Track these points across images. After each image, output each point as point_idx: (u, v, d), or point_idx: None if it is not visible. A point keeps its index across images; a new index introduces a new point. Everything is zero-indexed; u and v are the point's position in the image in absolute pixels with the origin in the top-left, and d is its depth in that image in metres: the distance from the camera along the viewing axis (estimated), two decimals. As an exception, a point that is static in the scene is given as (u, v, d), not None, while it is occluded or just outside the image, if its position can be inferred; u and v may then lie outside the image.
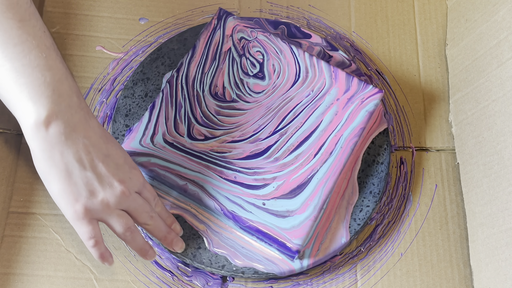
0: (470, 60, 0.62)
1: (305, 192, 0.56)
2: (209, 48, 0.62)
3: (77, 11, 0.67)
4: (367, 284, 0.58)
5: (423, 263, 0.59)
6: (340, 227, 0.57)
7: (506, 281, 0.52)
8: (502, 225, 0.54)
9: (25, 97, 0.44)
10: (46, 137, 0.45)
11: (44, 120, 0.44)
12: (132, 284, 0.56)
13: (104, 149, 0.48)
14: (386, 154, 0.61)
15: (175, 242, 0.54)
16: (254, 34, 0.62)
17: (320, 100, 0.60)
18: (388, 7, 0.70)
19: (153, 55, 0.63)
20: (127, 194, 0.49)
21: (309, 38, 0.66)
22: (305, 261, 0.55)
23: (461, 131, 0.62)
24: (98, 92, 0.63)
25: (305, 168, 0.57)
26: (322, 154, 0.58)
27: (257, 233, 0.55)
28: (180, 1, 0.68)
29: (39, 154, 0.46)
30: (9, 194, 0.58)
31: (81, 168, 0.47)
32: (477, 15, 0.62)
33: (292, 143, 0.58)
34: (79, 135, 0.47)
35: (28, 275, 0.55)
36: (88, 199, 0.47)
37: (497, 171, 0.55)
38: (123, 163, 0.50)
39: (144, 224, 0.51)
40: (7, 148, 0.59)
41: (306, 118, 0.59)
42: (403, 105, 0.66)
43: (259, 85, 0.61)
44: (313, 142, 0.58)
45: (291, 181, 0.56)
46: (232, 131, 0.59)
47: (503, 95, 0.56)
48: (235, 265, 0.55)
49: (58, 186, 0.47)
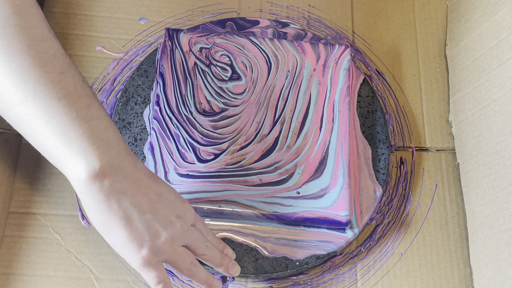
0: (470, 60, 0.62)
1: (329, 166, 0.58)
2: (176, 70, 0.61)
3: (77, 11, 0.67)
4: (367, 284, 0.58)
5: (423, 263, 0.59)
6: (369, 183, 0.59)
7: (506, 281, 0.52)
8: (502, 225, 0.54)
9: (75, 151, 0.43)
10: (101, 188, 0.44)
11: (98, 173, 0.43)
12: (132, 284, 0.56)
13: (155, 188, 0.48)
14: (376, 101, 0.63)
15: (231, 267, 0.53)
16: (211, 40, 0.63)
17: (299, 77, 0.62)
18: (388, 7, 0.70)
19: (123, 99, 0.61)
20: (186, 229, 0.48)
21: (258, 24, 0.67)
22: (355, 228, 0.57)
23: (461, 131, 0.62)
24: (98, 92, 0.63)
25: (318, 144, 0.59)
26: (326, 124, 0.59)
27: (304, 222, 0.56)
28: (180, 1, 0.68)
29: (95, 206, 0.44)
30: (9, 194, 0.58)
31: (140, 213, 0.46)
32: (477, 15, 0.62)
33: (295, 127, 0.59)
34: (132, 180, 0.46)
35: (28, 275, 0.55)
36: (152, 242, 0.46)
37: (497, 171, 0.55)
38: (174, 198, 0.49)
39: (202, 255, 0.51)
40: (7, 148, 0.59)
41: (295, 99, 0.61)
42: (403, 105, 0.66)
43: (238, 85, 0.61)
44: (313, 117, 0.60)
45: (311, 161, 0.58)
46: (236, 139, 0.59)
47: (503, 95, 0.56)
48: (297, 260, 0.56)
49: (120, 235, 0.45)
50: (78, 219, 0.58)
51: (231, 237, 0.56)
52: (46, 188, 0.59)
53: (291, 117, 0.60)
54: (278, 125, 0.59)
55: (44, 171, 0.59)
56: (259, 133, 0.59)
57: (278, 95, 0.61)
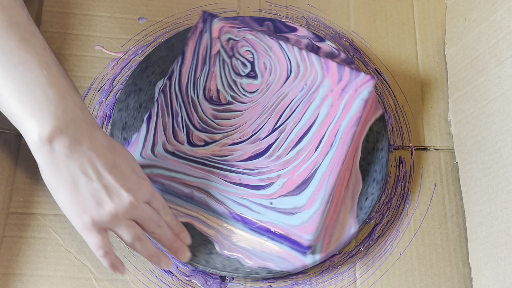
0: (469, 59, 0.62)
1: (311, 187, 0.56)
2: (198, 53, 0.61)
3: (76, 11, 0.67)
4: (366, 283, 0.58)
5: (422, 262, 0.59)
6: (348, 217, 0.58)
7: (505, 280, 0.52)
8: (501, 224, 0.54)
9: (28, 115, 0.45)
10: (51, 151, 0.46)
11: (48, 136, 0.45)
12: (132, 284, 0.56)
13: (111, 160, 0.49)
14: (385, 140, 0.61)
15: (181, 252, 0.54)
16: (241, 33, 0.62)
17: (314, 93, 0.60)
18: (387, 7, 0.70)
19: (142, 64, 0.63)
20: (135, 205, 0.49)
21: (295, 31, 0.66)
22: (317, 255, 0.56)
23: (460, 130, 0.62)
24: (97, 92, 0.63)
25: (308, 163, 0.57)
26: (323, 147, 0.58)
27: (267, 233, 0.56)
28: (179, 1, 0.68)
29: (45, 167, 0.47)
30: (8, 194, 0.58)
31: (88, 180, 0.47)
32: (476, 15, 0.62)
33: (292, 139, 0.58)
34: (84, 148, 0.47)
35: (28, 275, 0.55)
36: (95, 210, 0.47)
37: (496, 170, 0.55)
38: (130, 173, 0.50)
39: (152, 233, 0.52)
40: (7, 148, 0.59)
41: (303, 113, 0.59)
42: (402, 105, 0.66)
43: (252, 84, 0.61)
44: (313, 136, 0.58)
45: (295, 177, 0.57)
46: (231, 133, 0.59)
47: (502, 94, 0.56)
48: (249, 266, 0.55)
49: (65, 198, 0.47)
50: (78, 219, 0.58)
51: (194, 223, 0.57)
52: (46, 188, 0.58)
53: (292, 129, 0.59)
54: (277, 133, 0.59)
55: (44, 171, 0.59)
56: (255, 135, 0.59)
57: (287, 104, 0.60)
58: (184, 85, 0.60)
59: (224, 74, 0.61)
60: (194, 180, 0.56)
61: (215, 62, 0.61)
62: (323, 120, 0.59)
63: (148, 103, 0.61)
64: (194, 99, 0.60)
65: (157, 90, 0.62)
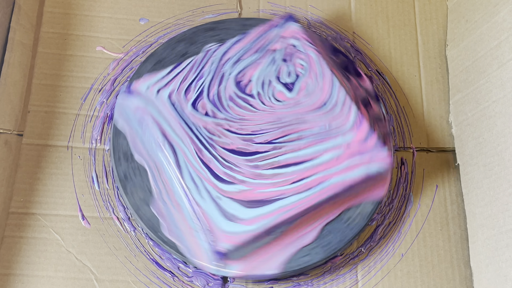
0: (471, 61, 0.62)
1: (262, 209, 0.54)
2: (259, 40, 0.61)
3: (77, 12, 0.66)
4: (368, 285, 0.58)
5: (424, 264, 0.59)
6: (277, 260, 0.56)
7: (506, 282, 0.52)
8: (502, 226, 0.54)
9: None
10: None
11: None
12: (133, 284, 0.56)
13: None
14: (361, 222, 0.58)
15: None
16: (308, 48, 0.60)
17: (331, 137, 0.57)
18: (389, 8, 0.70)
19: (210, 25, 0.65)
20: None
21: (359, 77, 0.64)
22: (224, 269, 0.55)
23: (462, 132, 0.62)
24: (98, 92, 0.63)
25: (276, 189, 0.55)
26: (300, 185, 0.55)
27: (197, 219, 0.55)
28: (180, 2, 0.68)
29: None
30: (9, 194, 0.58)
31: None
32: (478, 16, 0.62)
33: (279, 161, 0.56)
34: None
35: (28, 276, 0.55)
36: None
37: (498, 172, 0.55)
38: None
39: None
40: (7, 149, 0.59)
41: (306, 146, 0.57)
42: (403, 106, 0.66)
43: (283, 94, 0.59)
44: (299, 171, 0.55)
45: (256, 192, 0.55)
46: (233, 121, 0.58)
47: (503, 96, 0.56)
48: (163, 235, 0.55)
49: None
50: (78, 219, 0.58)
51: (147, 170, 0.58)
52: (46, 188, 0.59)
53: (286, 152, 0.56)
54: (271, 146, 0.57)
55: (44, 171, 0.59)
56: (251, 136, 0.57)
57: (299, 130, 0.57)
58: (226, 57, 0.60)
59: (266, 70, 0.60)
60: (173, 136, 0.56)
61: (267, 55, 0.61)
62: (319, 164, 0.56)
63: (191, 56, 0.62)
64: (225, 74, 0.60)
65: (204, 49, 0.63)
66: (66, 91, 0.63)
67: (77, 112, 0.62)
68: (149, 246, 0.58)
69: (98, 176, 0.60)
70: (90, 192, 0.59)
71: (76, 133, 0.61)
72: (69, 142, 0.61)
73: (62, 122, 0.61)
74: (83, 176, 0.59)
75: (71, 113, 0.62)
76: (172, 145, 0.56)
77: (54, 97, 0.62)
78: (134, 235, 0.58)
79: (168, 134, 0.56)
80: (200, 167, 0.56)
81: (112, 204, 0.59)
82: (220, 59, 0.60)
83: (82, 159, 0.60)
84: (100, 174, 0.60)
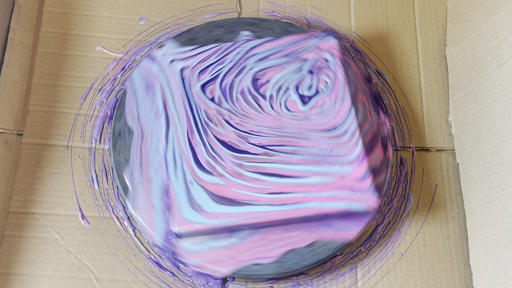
0: (470, 60, 0.62)
1: (229, 209, 0.53)
2: (293, 46, 0.61)
3: (77, 11, 0.66)
4: (368, 284, 0.58)
5: (424, 263, 0.59)
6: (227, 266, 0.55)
7: (505, 281, 0.52)
8: (501, 225, 0.54)
9: None
10: None
11: None
12: (133, 284, 0.56)
13: None
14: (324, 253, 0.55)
15: None
16: (338, 68, 0.59)
17: (327, 163, 0.55)
18: (388, 7, 0.70)
19: (252, 20, 0.66)
20: None
21: (377, 114, 0.62)
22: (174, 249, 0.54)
23: (461, 132, 0.62)
24: (98, 92, 0.63)
25: (251, 194, 0.54)
26: (275, 198, 0.54)
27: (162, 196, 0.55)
28: (180, 1, 0.68)
29: None
30: (9, 194, 0.58)
31: None
32: (477, 16, 0.62)
33: (265, 167, 0.55)
34: None
35: (28, 275, 0.55)
36: None
37: (497, 171, 0.56)
38: None
39: None
40: (7, 148, 0.59)
41: (299, 163, 0.55)
42: (403, 105, 0.66)
43: (295, 105, 0.58)
44: (280, 184, 0.54)
45: (230, 190, 0.54)
46: (236, 115, 0.58)
47: (503, 96, 0.56)
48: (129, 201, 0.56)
49: None
50: (78, 219, 0.58)
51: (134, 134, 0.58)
52: (46, 188, 0.59)
53: (275, 161, 0.55)
54: (262, 151, 0.56)
55: (44, 171, 0.59)
56: (247, 134, 0.57)
57: (298, 145, 0.56)
58: (254, 52, 0.61)
59: (288, 76, 0.59)
60: (171, 109, 0.57)
61: (295, 62, 0.60)
62: (303, 184, 0.54)
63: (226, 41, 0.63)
64: (246, 67, 0.60)
65: (240, 35, 0.64)
66: (66, 91, 0.63)
67: (77, 112, 0.62)
68: (149, 245, 0.58)
69: (98, 175, 0.60)
70: (90, 192, 0.59)
71: (75, 132, 0.61)
72: (69, 142, 0.61)
73: (61, 121, 0.61)
74: (82, 175, 0.59)
75: (71, 112, 0.62)
76: (168, 118, 0.57)
77: (54, 97, 0.62)
78: (133, 234, 0.58)
79: (168, 105, 0.57)
80: (185, 147, 0.56)
81: (112, 203, 0.59)
82: (246, 52, 0.61)
83: (82, 159, 0.60)
84: (100, 173, 0.60)
